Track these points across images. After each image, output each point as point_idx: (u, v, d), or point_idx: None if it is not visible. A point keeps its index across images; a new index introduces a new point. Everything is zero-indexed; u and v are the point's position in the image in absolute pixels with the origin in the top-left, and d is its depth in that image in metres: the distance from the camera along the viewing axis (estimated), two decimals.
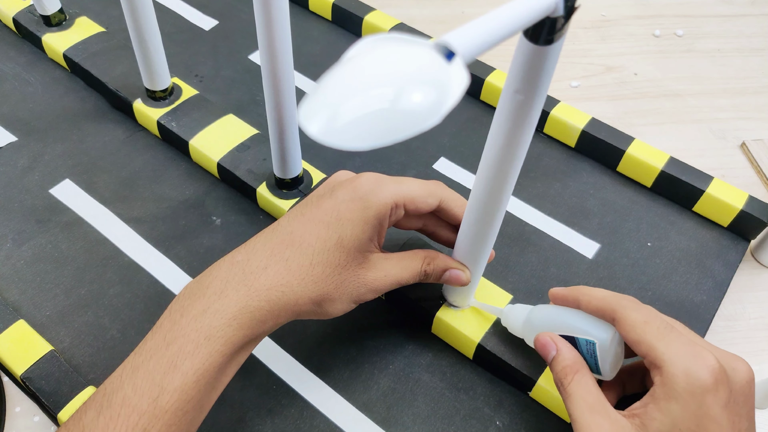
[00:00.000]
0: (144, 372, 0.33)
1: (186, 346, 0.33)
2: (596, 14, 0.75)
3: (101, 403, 0.32)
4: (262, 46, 0.40)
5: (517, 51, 0.27)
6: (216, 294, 0.35)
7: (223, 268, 0.37)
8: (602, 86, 0.67)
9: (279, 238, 0.37)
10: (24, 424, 0.43)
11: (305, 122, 0.20)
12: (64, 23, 0.62)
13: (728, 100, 0.67)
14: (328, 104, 0.20)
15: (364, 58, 0.20)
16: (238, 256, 0.37)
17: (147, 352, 0.34)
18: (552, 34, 0.26)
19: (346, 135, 0.19)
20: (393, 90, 0.19)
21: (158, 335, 0.34)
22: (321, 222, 0.37)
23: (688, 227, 0.53)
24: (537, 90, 0.28)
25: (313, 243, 0.36)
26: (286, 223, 0.38)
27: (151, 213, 0.52)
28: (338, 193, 0.38)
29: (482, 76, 0.60)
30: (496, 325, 0.44)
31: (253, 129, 0.55)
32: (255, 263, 0.36)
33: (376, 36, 0.21)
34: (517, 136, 0.31)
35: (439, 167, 0.56)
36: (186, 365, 0.33)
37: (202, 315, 0.34)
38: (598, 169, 0.57)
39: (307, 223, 0.37)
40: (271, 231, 0.38)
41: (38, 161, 0.54)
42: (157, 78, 0.54)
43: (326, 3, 0.66)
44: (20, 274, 0.48)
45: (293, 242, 0.37)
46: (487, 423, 0.42)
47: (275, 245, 0.37)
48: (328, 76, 0.20)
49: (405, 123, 0.19)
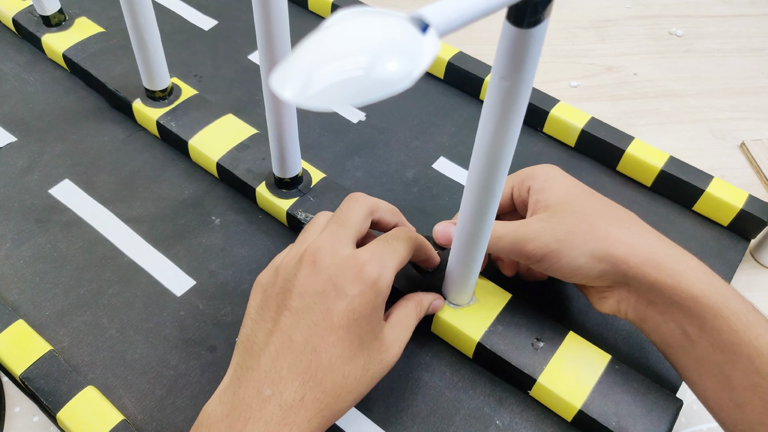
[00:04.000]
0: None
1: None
2: (596, 14, 0.75)
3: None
4: (261, 46, 0.40)
5: (501, 36, 0.27)
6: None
7: (254, 407, 0.33)
8: (602, 86, 0.67)
9: (304, 360, 0.34)
10: (23, 424, 0.43)
11: (278, 87, 0.20)
12: (64, 23, 0.62)
13: (727, 100, 0.67)
14: (302, 70, 0.20)
15: (340, 26, 0.21)
16: (266, 389, 0.34)
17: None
18: (534, 16, 0.26)
19: (321, 98, 0.20)
20: (368, 59, 0.20)
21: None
22: (340, 328, 0.35)
23: (687, 227, 0.53)
24: (523, 75, 0.28)
25: (339, 353, 0.35)
26: (302, 339, 0.35)
27: (150, 213, 0.52)
28: (346, 288, 0.35)
29: (482, 76, 0.60)
30: (496, 323, 0.44)
31: (253, 129, 0.55)
32: (289, 396, 0.34)
33: (353, 8, 0.21)
34: (505, 124, 0.31)
35: (439, 166, 0.56)
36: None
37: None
38: (598, 168, 0.57)
39: (326, 334, 0.35)
40: (288, 349, 0.35)
41: (38, 161, 0.54)
42: (156, 78, 0.54)
43: (326, 3, 0.67)
44: (19, 273, 0.48)
45: (321, 363, 0.34)
46: (487, 422, 0.42)
47: (303, 369, 0.34)
48: (304, 44, 0.21)
49: (377, 87, 0.20)
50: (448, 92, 0.62)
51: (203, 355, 0.44)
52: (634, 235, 0.39)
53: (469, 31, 0.69)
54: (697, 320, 0.36)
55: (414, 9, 0.21)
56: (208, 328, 0.46)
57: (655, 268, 0.37)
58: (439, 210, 0.53)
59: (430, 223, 0.52)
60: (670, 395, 0.41)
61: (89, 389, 0.41)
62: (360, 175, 0.55)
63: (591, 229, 0.39)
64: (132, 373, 0.43)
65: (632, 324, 0.41)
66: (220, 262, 0.49)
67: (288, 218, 0.50)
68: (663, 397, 0.41)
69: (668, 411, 0.40)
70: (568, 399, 0.41)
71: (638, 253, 0.38)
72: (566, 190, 0.42)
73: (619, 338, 0.46)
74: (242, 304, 0.47)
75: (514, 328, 0.43)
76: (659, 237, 0.40)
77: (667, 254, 0.38)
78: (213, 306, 0.47)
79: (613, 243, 0.38)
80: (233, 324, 0.46)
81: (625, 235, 0.39)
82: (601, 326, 0.47)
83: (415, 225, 0.52)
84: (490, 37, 0.70)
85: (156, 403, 0.42)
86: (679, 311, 0.37)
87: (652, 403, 0.41)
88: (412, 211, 0.53)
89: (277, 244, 0.50)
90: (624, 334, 0.47)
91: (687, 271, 0.37)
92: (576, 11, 0.76)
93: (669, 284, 0.37)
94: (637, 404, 0.41)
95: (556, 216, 0.40)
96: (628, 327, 0.47)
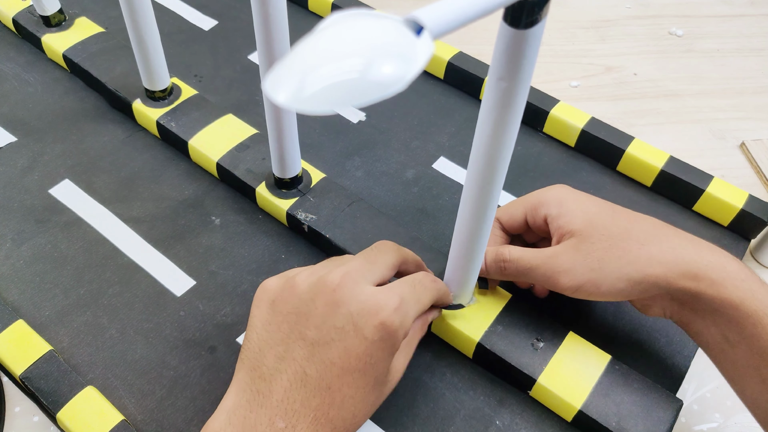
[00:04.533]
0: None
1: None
2: (596, 14, 0.75)
3: None
4: (260, 46, 0.40)
5: (498, 37, 0.27)
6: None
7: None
8: (602, 86, 0.67)
9: (318, 397, 0.34)
10: (23, 423, 0.43)
11: (271, 91, 0.20)
12: (64, 24, 0.62)
13: (727, 100, 0.67)
14: (297, 72, 0.20)
15: (335, 29, 0.21)
16: (279, 421, 0.34)
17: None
18: (531, 17, 0.26)
19: (315, 101, 0.20)
20: (363, 61, 0.20)
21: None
22: (356, 370, 0.35)
23: (688, 227, 0.53)
24: (520, 76, 0.28)
25: (353, 394, 0.35)
26: (317, 374, 0.34)
27: (150, 213, 0.52)
28: (366, 331, 0.34)
29: (481, 76, 0.60)
30: (496, 323, 0.44)
31: (253, 129, 0.55)
32: (301, 431, 0.34)
33: (348, 10, 0.21)
34: (503, 125, 0.31)
35: (439, 167, 0.56)
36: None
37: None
38: (598, 168, 0.57)
39: (342, 375, 0.34)
40: (302, 383, 0.34)
41: (38, 161, 0.54)
42: (156, 78, 0.54)
43: (325, 3, 0.66)
44: (19, 274, 0.48)
45: (334, 401, 0.34)
46: (487, 423, 0.42)
47: (317, 406, 0.34)
48: (298, 46, 0.21)
49: (371, 90, 0.20)
50: (448, 92, 0.62)
51: (203, 355, 0.44)
52: (668, 251, 0.39)
53: (469, 30, 0.69)
54: (736, 327, 0.37)
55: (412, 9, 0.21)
56: (209, 329, 0.46)
57: (693, 280, 0.38)
58: (439, 210, 0.53)
59: (431, 223, 0.52)
60: (670, 395, 0.41)
61: (89, 389, 0.41)
62: (360, 175, 0.55)
63: (624, 254, 0.39)
64: (132, 374, 0.43)
65: (674, 324, 0.43)
66: (220, 262, 0.49)
67: (288, 218, 0.50)
68: (663, 398, 0.41)
69: (668, 411, 0.40)
70: (568, 399, 0.41)
71: (676, 268, 0.38)
72: (585, 211, 0.41)
73: (619, 338, 0.46)
74: (242, 304, 0.47)
75: (514, 328, 0.43)
76: (693, 243, 0.40)
77: (704, 264, 0.38)
78: (213, 306, 0.47)
79: (648, 264, 0.39)
80: (233, 324, 0.46)
81: (658, 253, 0.39)
82: (601, 326, 0.47)
83: (416, 225, 0.52)
84: (489, 36, 0.70)
85: (156, 404, 0.42)
86: (720, 318, 0.38)
87: (652, 404, 0.41)
88: (412, 211, 0.53)
89: (277, 245, 0.50)
90: (624, 334, 0.47)
91: (726, 280, 0.37)
92: (576, 11, 0.76)
93: (709, 294, 0.37)
94: (637, 404, 0.41)
95: (585, 243, 0.40)
96: (629, 327, 0.47)
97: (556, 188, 0.44)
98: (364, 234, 0.48)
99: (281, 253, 0.50)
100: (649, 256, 0.39)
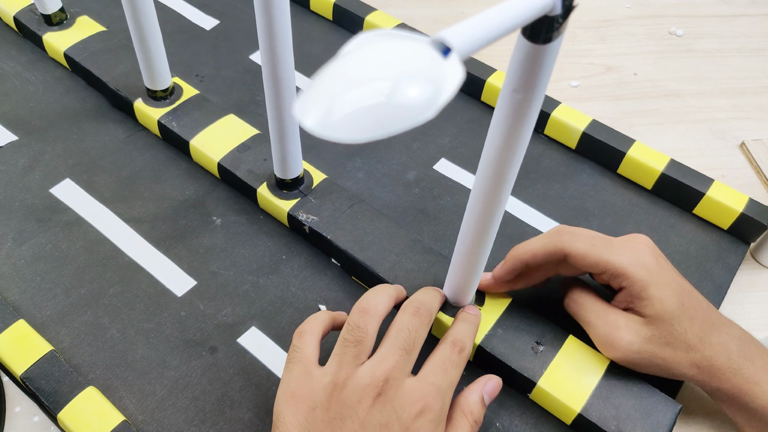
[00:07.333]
0: None
1: None
2: (596, 14, 0.75)
3: None
4: (262, 46, 0.40)
5: (515, 50, 0.27)
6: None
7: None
8: (602, 86, 0.67)
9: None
10: (24, 423, 0.43)
11: (301, 116, 0.20)
12: (65, 22, 0.62)
13: (728, 100, 0.67)
14: (324, 98, 0.20)
15: (361, 52, 0.20)
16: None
17: None
18: (550, 33, 0.26)
19: (343, 128, 0.20)
20: (390, 84, 0.19)
21: None
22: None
23: (688, 230, 0.53)
24: (536, 89, 0.28)
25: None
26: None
27: (151, 213, 0.52)
28: (409, 422, 0.35)
29: (483, 77, 0.60)
30: (497, 326, 0.44)
31: (254, 129, 0.55)
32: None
33: (373, 31, 0.21)
34: (515, 135, 0.31)
35: (440, 168, 0.56)
36: None
37: None
38: (599, 170, 0.57)
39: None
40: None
41: (39, 160, 0.54)
42: (157, 77, 0.54)
43: (327, 3, 0.66)
44: (20, 273, 0.48)
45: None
46: (487, 424, 0.42)
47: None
48: (325, 71, 0.20)
49: (400, 116, 0.19)
50: None
51: (204, 355, 0.44)
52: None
53: None
54: (758, 422, 0.41)
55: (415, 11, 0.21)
56: (209, 329, 0.46)
57: (717, 380, 0.41)
58: (440, 211, 0.53)
59: (432, 225, 0.52)
60: (669, 399, 0.41)
61: (90, 389, 0.41)
62: (361, 176, 0.55)
63: (690, 349, 0.40)
64: (133, 374, 0.43)
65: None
66: (221, 262, 0.49)
67: (289, 219, 0.50)
68: (662, 402, 0.41)
69: (667, 415, 0.41)
70: (567, 402, 0.41)
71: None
72: (678, 303, 0.41)
73: None
74: (243, 304, 0.47)
75: (515, 331, 0.44)
76: (739, 341, 0.42)
77: (738, 363, 0.40)
78: (214, 306, 0.47)
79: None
80: (234, 325, 0.46)
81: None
82: None
83: (417, 226, 0.52)
84: None
85: (157, 404, 0.42)
86: (745, 412, 0.41)
87: (651, 407, 0.41)
88: (413, 212, 0.53)
89: (278, 245, 0.50)
90: None
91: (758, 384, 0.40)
92: (576, 11, 0.76)
93: (739, 391, 0.40)
94: (637, 408, 0.41)
95: (658, 334, 0.40)
96: None
97: (640, 252, 0.42)
98: (365, 235, 0.48)
99: (282, 254, 0.50)
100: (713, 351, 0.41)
